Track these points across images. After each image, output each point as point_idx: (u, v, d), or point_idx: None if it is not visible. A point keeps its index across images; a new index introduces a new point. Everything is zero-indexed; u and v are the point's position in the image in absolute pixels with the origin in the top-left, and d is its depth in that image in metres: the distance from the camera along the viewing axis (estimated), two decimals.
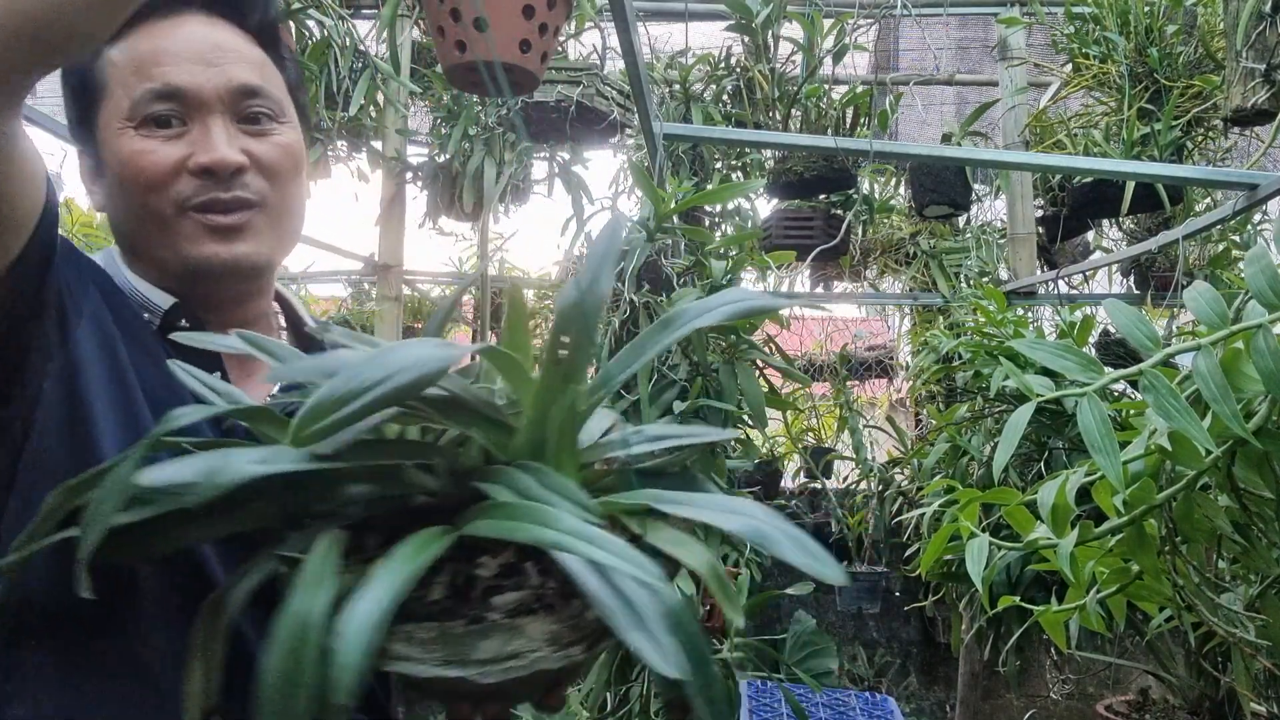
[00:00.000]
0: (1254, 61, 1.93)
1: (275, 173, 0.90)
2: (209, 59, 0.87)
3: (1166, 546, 1.17)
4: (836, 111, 3.20)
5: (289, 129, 0.92)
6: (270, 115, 0.90)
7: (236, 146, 0.87)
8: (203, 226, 0.86)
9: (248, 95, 0.88)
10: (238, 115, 0.88)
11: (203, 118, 0.86)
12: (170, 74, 0.85)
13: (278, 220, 0.91)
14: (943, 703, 4.37)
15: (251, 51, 0.91)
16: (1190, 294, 1.06)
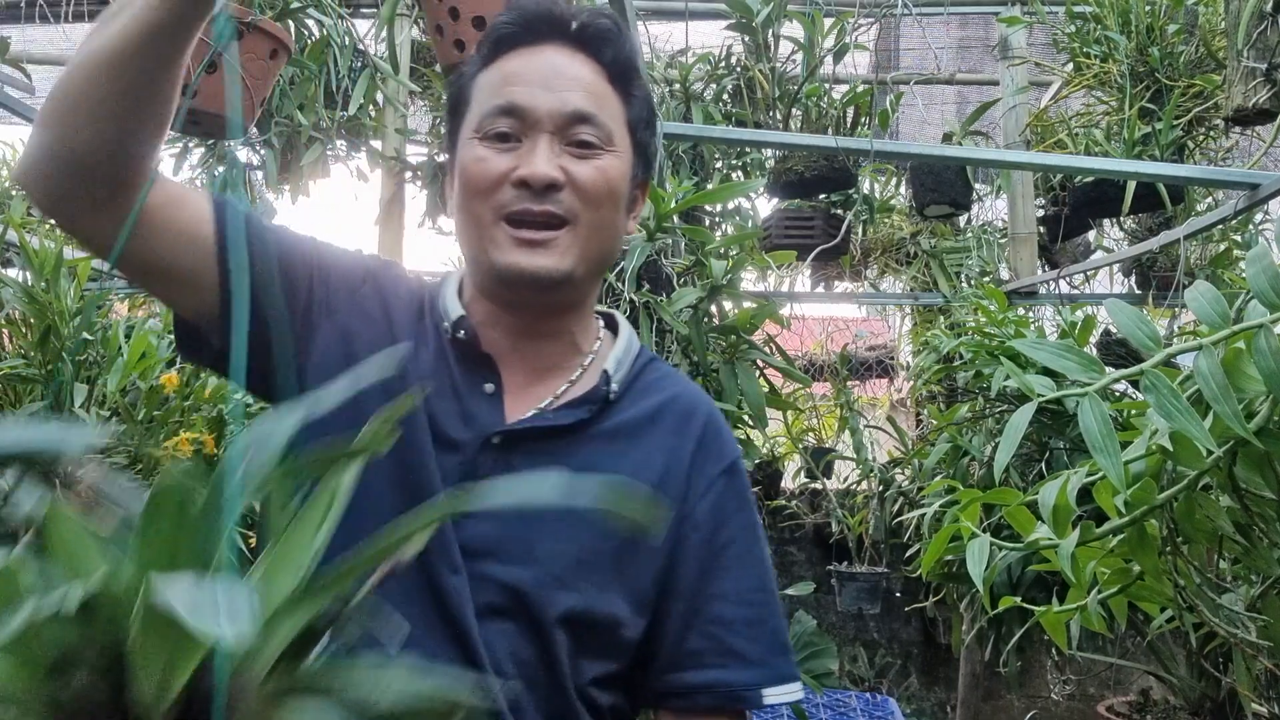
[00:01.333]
0: (1255, 61, 1.92)
1: (588, 194, 0.94)
2: (551, 84, 0.94)
3: (1168, 547, 1.16)
4: (837, 111, 3.19)
5: (614, 158, 0.96)
6: (598, 142, 0.95)
7: (556, 164, 0.93)
8: (512, 237, 0.93)
9: (579, 121, 0.94)
10: (567, 138, 0.94)
11: (534, 135, 0.93)
12: (515, 93, 0.94)
13: (585, 240, 0.95)
14: (943, 703, 4.37)
15: (597, 83, 0.97)
16: (1191, 294, 1.05)
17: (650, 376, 1.05)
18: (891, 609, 4.30)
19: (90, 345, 1.86)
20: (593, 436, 0.97)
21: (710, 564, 0.98)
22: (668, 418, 1.01)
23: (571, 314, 1.01)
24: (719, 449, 1.02)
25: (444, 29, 1.81)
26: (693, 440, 1.00)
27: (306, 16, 2.45)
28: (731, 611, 0.97)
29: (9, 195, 3.39)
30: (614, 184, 0.96)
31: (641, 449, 0.98)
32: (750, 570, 1.00)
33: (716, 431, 1.03)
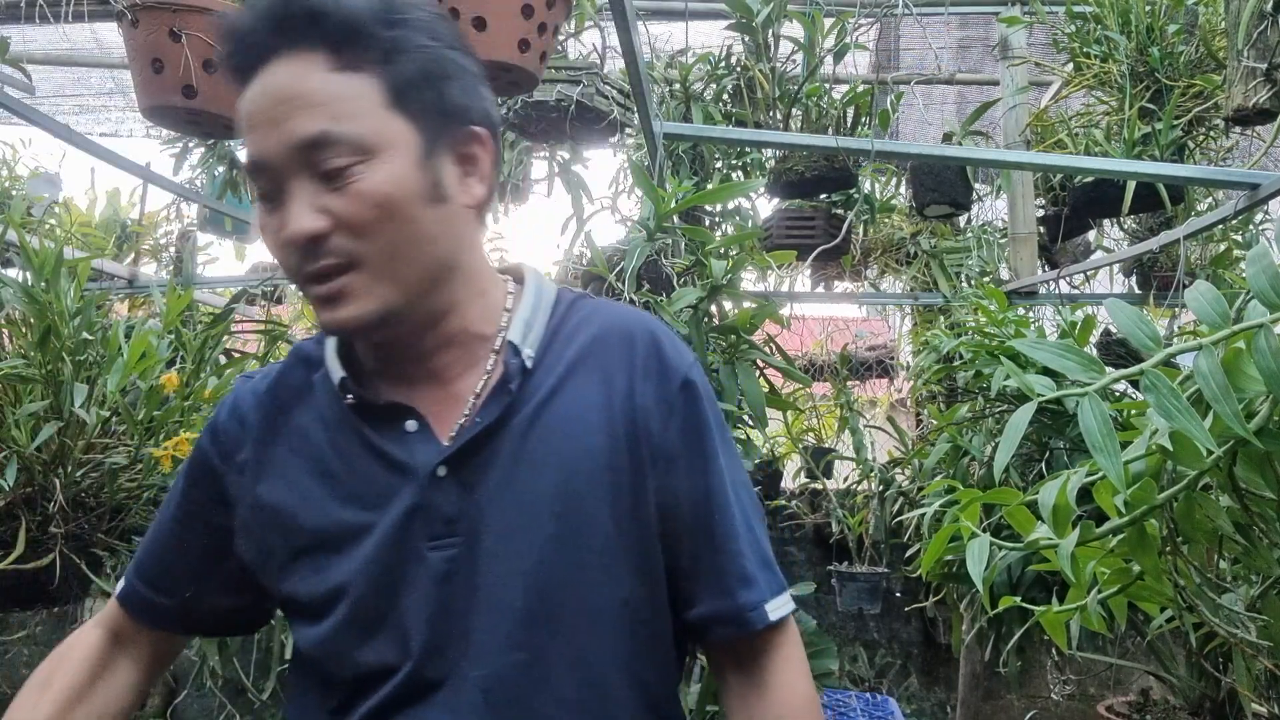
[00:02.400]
0: (1255, 61, 1.92)
1: (359, 226, 0.83)
2: (275, 116, 0.83)
3: (1167, 547, 1.16)
4: (837, 111, 3.19)
5: (378, 164, 0.84)
6: (346, 162, 0.83)
7: (314, 211, 0.83)
8: (314, 297, 0.87)
9: (312, 148, 0.83)
10: (314, 172, 0.83)
11: (286, 185, 0.84)
12: (251, 144, 0.85)
13: (382, 272, 0.85)
14: (943, 703, 4.37)
15: (323, 85, 0.84)
16: (1191, 294, 1.05)
17: (574, 320, 0.98)
18: (891, 609, 4.30)
19: (90, 345, 1.86)
20: (525, 410, 0.92)
21: (702, 491, 0.94)
22: (596, 356, 0.95)
23: (445, 319, 0.93)
24: (666, 367, 0.95)
25: None
26: (636, 369, 0.94)
27: None
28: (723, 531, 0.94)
29: (9, 195, 3.39)
30: (387, 197, 0.84)
31: (581, 397, 0.93)
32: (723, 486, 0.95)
33: (658, 350, 0.96)
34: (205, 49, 1.83)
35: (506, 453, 0.90)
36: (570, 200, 3.45)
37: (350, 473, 0.93)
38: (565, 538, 0.89)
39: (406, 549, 0.89)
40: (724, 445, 0.97)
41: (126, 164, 2.69)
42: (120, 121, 5.05)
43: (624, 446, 0.92)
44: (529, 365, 0.93)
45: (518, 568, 0.88)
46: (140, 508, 1.92)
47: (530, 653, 0.88)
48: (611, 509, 0.91)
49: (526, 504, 0.89)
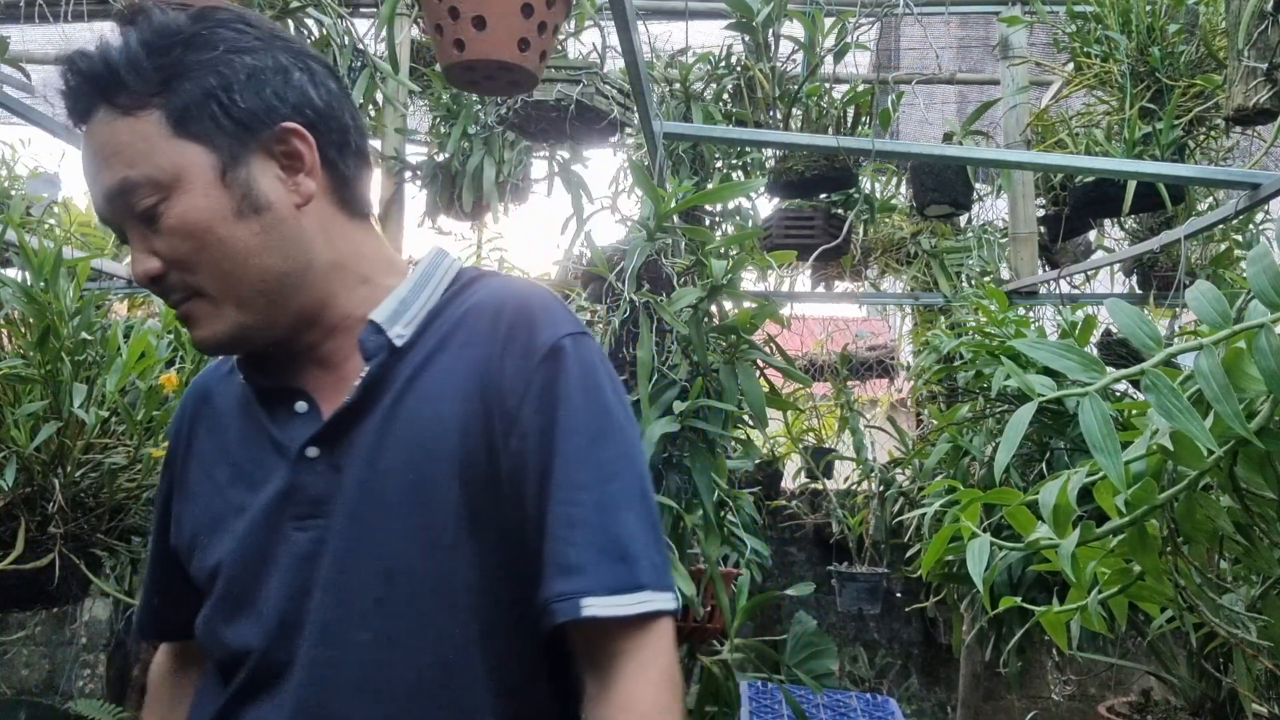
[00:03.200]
0: (1256, 60, 1.92)
1: (183, 259, 0.87)
2: (91, 175, 0.87)
3: (1168, 547, 1.16)
4: (837, 110, 3.19)
5: (177, 199, 0.85)
6: (151, 203, 0.85)
7: (148, 252, 0.87)
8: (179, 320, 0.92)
9: (122, 195, 0.86)
10: (134, 217, 0.87)
11: (124, 232, 0.89)
12: (92, 199, 0.89)
13: (221, 296, 0.88)
14: (944, 704, 4.36)
15: (112, 139, 0.86)
16: (1192, 294, 1.05)
17: (460, 297, 0.97)
18: (892, 609, 4.30)
19: (89, 345, 1.86)
20: (394, 388, 0.91)
21: (545, 468, 0.88)
22: (465, 330, 0.93)
23: (321, 316, 0.94)
24: (530, 338, 0.90)
25: (444, 28, 1.81)
26: (499, 341, 0.91)
27: (306, 16, 2.45)
28: (559, 514, 0.87)
29: (8, 195, 3.39)
30: (191, 227, 0.86)
31: (447, 376, 0.91)
32: (580, 463, 0.88)
33: (527, 320, 0.92)
34: None
35: (372, 433, 0.90)
36: (570, 200, 3.44)
37: (245, 455, 0.96)
38: (417, 520, 0.88)
39: (276, 529, 0.91)
40: (586, 422, 0.89)
41: None
42: None
43: (480, 424, 0.89)
44: (397, 344, 0.92)
45: (372, 550, 0.88)
46: (139, 508, 1.92)
47: (378, 634, 0.87)
48: (465, 490, 0.88)
49: (384, 485, 0.88)
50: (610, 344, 2.09)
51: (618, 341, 2.09)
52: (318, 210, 0.93)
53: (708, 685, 2.29)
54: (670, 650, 0.88)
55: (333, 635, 0.87)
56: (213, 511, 0.96)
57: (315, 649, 0.87)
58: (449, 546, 0.88)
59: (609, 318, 2.13)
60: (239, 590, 0.92)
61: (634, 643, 0.86)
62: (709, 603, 2.13)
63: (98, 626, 4.35)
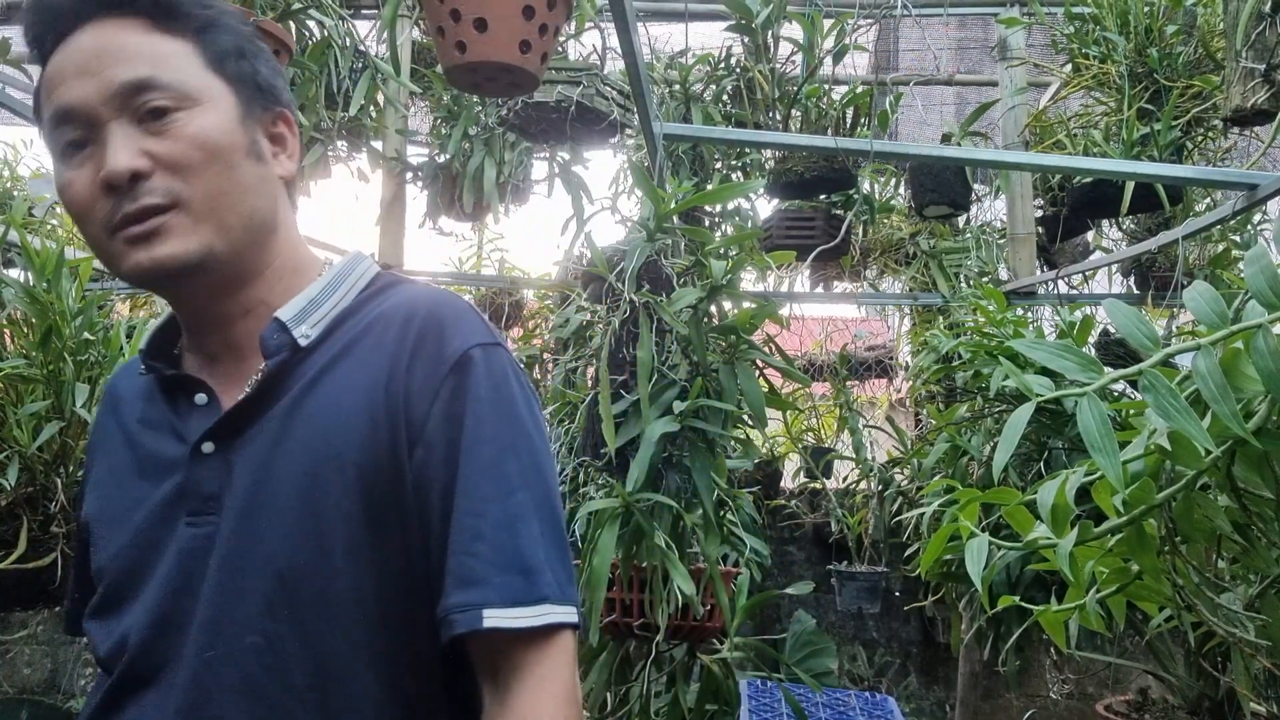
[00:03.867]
0: (1253, 61, 1.93)
1: (184, 167, 0.85)
2: (89, 68, 0.84)
3: (1166, 546, 1.17)
4: (836, 112, 3.20)
5: (200, 112, 0.86)
6: (171, 105, 0.85)
7: (135, 151, 0.83)
8: (124, 239, 0.85)
9: (136, 92, 0.84)
10: (136, 116, 0.84)
11: (100, 130, 0.84)
12: (59, 95, 0.85)
13: (206, 214, 0.86)
14: (942, 702, 4.37)
15: (144, 42, 0.86)
16: (1190, 294, 1.06)
17: (372, 302, 0.96)
18: (891, 608, 4.30)
19: (91, 345, 1.87)
20: (294, 390, 0.90)
21: (450, 480, 0.87)
22: (373, 336, 0.92)
23: (249, 285, 0.92)
24: (440, 347, 0.89)
25: (446, 30, 1.82)
26: (408, 349, 0.89)
27: (308, 18, 2.45)
28: (462, 526, 0.86)
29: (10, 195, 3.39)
30: (213, 140, 0.86)
31: (349, 382, 0.89)
32: (486, 475, 0.87)
33: (437, 328, 0.90)
34: None
35: (269, 432, 0.88)
36: (570, 201, 3.45)
37: (148, 449, 0.94)
38: (310, 524, 0.86)
39: (168, 523, 0.89)
40: (495, 433, 0.88)
41: None
42: None
43: (385, 433, 0.87)
44: (302, 343, 0.91)
45: (262, 551, 0.86)
46: None
47: (265, 637, 0.85)
48: (364, 498, 0.86)
49: (278, 487, 0.87)
50: (610, 344, 2.10)
51: (618, 341, 2.09)
52: (283, 189, 0.96)
53: (707, 684, 2.29)
54: (571, 664, 0.87)
55: (219, 635, 0.85)
56: (114, 506, 0.94)
57: (201, 648, 0.85)
58: (343, 553, 0.86)
59: (609, 318, 2.13)
60: (126, 581, 0.90)
61: (534, 656, 0.85)
62: (709, 601, 2.14)
63: None
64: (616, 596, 2.13)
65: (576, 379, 3.06)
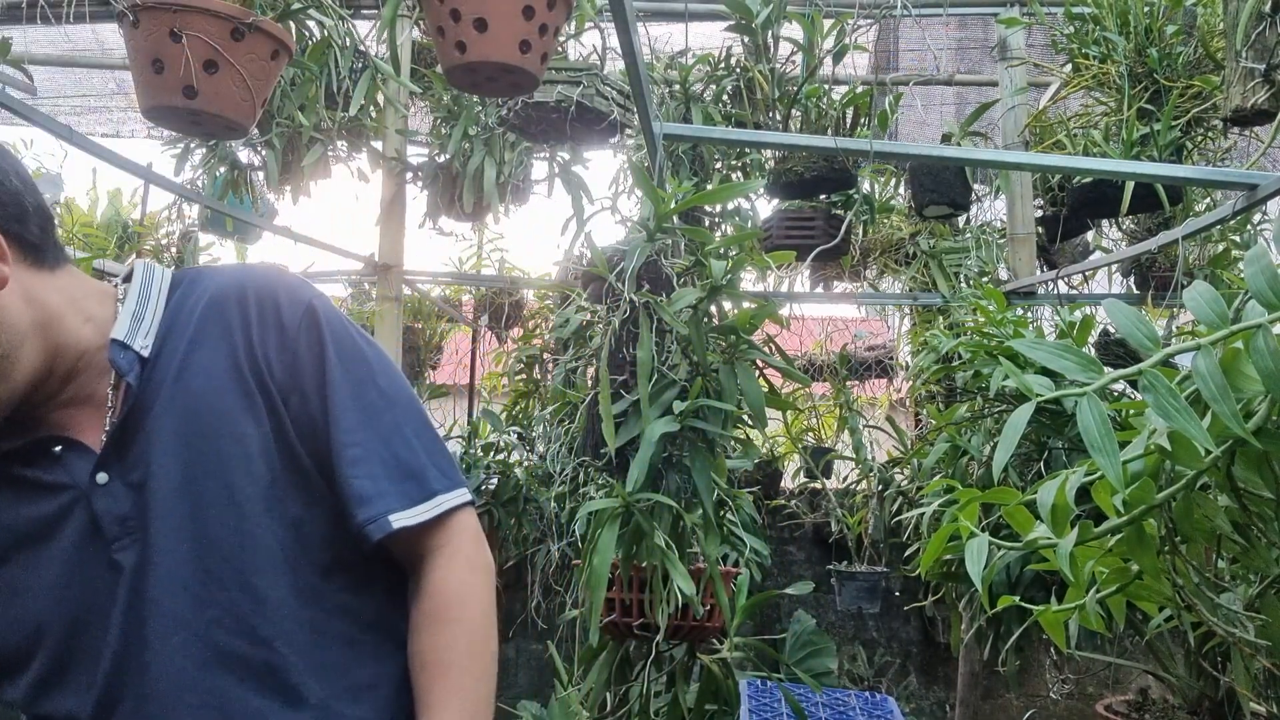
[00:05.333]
0: (1253, 61, 1.93)
1: None
2: None
3: (1166, 546, 1.17)
4: (836, 112, 3.20)
5: None
6: None
7: None
8: None
9: None
10: None
11: None
12: None
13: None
14: (942, 702, 4.37)
15: None
16: (1190, 294, 1.06)
17: (191, 296, 1.02)
18: (890, 608, 4.30)
19: None
20: (161, 395, 0.96)
21: (326, 419, 0.99)
22: (214, 322, 0.99)
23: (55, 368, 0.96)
24: (279, 314, 1.00)
25: (445, 30, 1.82)
26: (252, 322, 0.99)
27: (307, 18, 2.45)
28: (345, 456, 0.98)
29: None
30: None
31: (207, 366, 0.97)
32: (352, 408, 0.99)
33: (271, 296, 1.01)
34: (205, 49, 1.83)
35: (155, 439, 0.95)
36: (570, 201, 3.45)
37: (18, 518, 0.96)
38: (218, 503, 0.95)
39: (94, 559, 0.94)
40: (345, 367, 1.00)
41: (128, 164, 2.70)
42: (121, 122, 5.05)
43: (258, 400, 0.97)
44: (145, 354, 0.97)
45: (195, 535, 0.94)
46: None
47: (221, 609, 0.94)
48: (264, 461, 0.96)
49: (180, 482, 0.94)
50: (610, 344, 2.10)
51: (618, 341, 2.09)
52: (17, 283, 0.93)
53: (707, 683, 2.29)
54: (473, 537, 1.03)
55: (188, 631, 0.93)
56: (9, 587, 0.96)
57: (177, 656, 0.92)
58: (262, 511, 0.96)
59: (609, 318, 2.14)
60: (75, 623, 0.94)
61: (439, 540, 1.01)
62: (708, 601, 2.14)
63: None
64: (616, 596, 2.13)
65: (576, 379, 3.06)
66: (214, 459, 0.95)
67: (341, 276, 4.22)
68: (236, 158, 3.56)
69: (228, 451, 0.95)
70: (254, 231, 4.07)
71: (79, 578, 0.94)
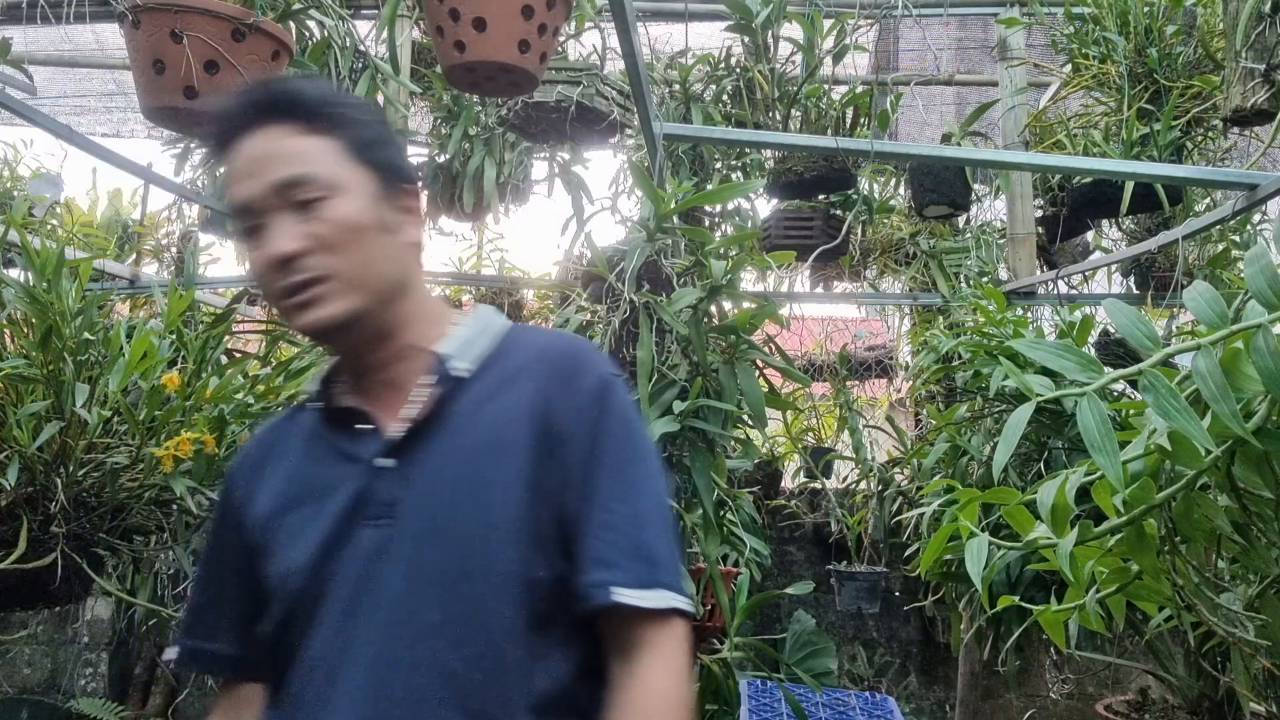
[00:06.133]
0: (1253, 61, 1.93)
1: (333, 245, 1.04)
2: (253, 170, 1.05)
3: (1166, 546, 1.17)
4: (836, 112, 3.20)
5: (343, 199, 1.05)
6: (317, 196, 1.04)
7: (292, 235, 1.03)
8: (290, 306, 1.05)
9: (289, 188, 1.04)
10: (291, 207, 1.04)
11: (265, 220, 1.04)
12: (236, 193, 1.06)
13: (352, 279, 1.05)
14: (942, 702, 4.37)
15: (295, 144, 1.06)
16: (1190, 294, 1.06)
17: (515, 346, 1.15)
18: (890, 608, 4.30)
19: (92, 345, 1.87)
20: (461, 414, 1.08)
21: (587, 480, 1.06)
22: (528, 372, 1.11)
23: (397, 333, 1.11)
24: (580, 379, 1.10)
25: (445, 30, 1.82)
26: (552, 380, 1.10)
27: (307, 18, 2.45)
28: (597, 519, 1.04)
29: (11, 196, 3.39)
30: (353, 222, 1.05)
31: (507, 407, 1.08)
32: (615, 480, 1.07)
33: (574, 365, 1.11)
34: (206, 50, 1.83)
35: (440, 447, 1.06)
36: (570, 201, 3.45)
37: (313, 471, 1.11)
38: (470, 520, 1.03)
39: (349, 527, 1.05)
40: (622, 448, 1.09)
41: (128, 165, 2.69)
42: (122, 122, 5.05)
43: (543, 443, 1.06)
44: (460, 375, 1.10)
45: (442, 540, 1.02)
46: (141, 507, 1.92)
47: (444, 614, 1.01)
48: (525, 494, 1.04)
49: (453, 487, 1.04)
50: (610, 344, 2.10)
51: (618, 341, 2.10)
52: (413, 253, 1.14)
53: (708, 683, 2.29)
54: (685, 647, 1.04)
55: (409, 614, 1.00)
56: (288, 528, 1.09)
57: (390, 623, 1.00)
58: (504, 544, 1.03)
59: (609, 318, 2.14)
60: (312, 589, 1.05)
61: (655, 635, 1.03)
62: (709, 601, 2.14)
63: (99, 625, 4.36)
64: None
65: None
66: (481, 480, 1.04)
67: None
68: None
69: (494, 478, 1.04)
70: None
71: (334, 532, 1.05)
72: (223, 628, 1.16)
